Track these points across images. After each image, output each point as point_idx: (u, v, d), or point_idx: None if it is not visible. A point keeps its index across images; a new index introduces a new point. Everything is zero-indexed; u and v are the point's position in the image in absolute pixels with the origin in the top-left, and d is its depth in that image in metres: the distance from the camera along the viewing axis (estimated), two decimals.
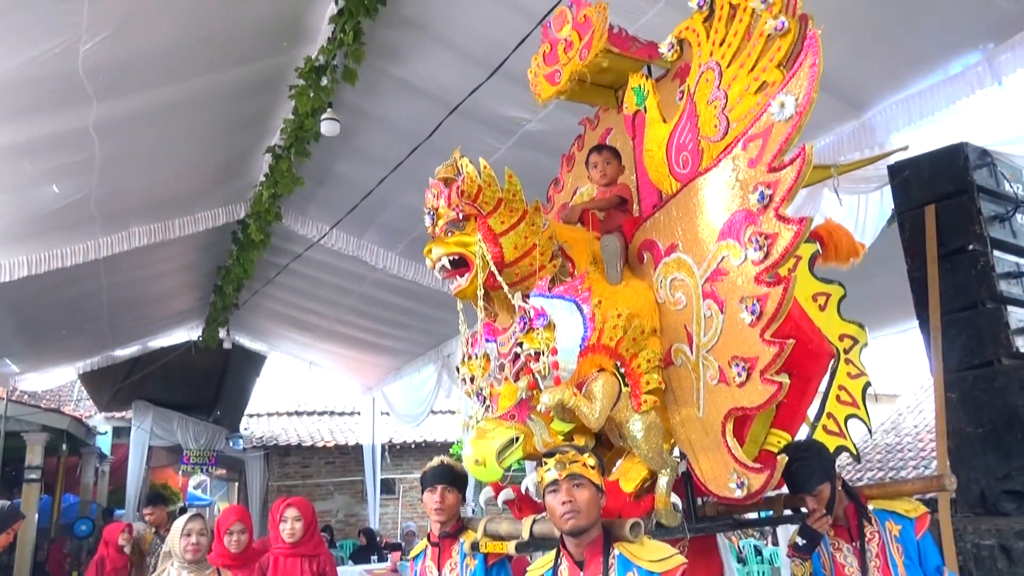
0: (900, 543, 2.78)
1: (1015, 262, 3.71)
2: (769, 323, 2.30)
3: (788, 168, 2.26)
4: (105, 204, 5.88)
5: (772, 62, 2.38)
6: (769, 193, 2.30)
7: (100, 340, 9.81)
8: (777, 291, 2.28)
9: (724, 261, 2.47)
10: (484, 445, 2.52)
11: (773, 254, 2.29)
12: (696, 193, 2.62)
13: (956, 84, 3.84)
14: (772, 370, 2.30)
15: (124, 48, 4.26)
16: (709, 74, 2.60)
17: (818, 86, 2.20)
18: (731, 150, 2.46)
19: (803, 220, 2.25)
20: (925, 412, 12.65)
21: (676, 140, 2.75)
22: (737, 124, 2.47)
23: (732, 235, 2.44)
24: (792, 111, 2.23)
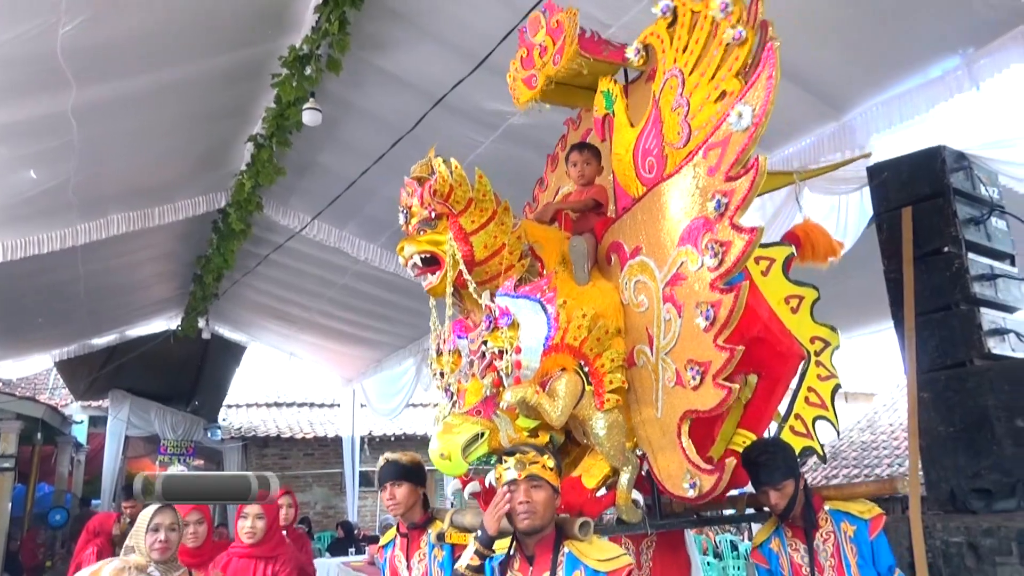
0: (854, 543, 2.83)
1: (989, 264, 3.76)
2: (722, 329, 2.34)
3: (743, 178, 2.30)
4: (83, 190, 5.82)
5: (731, 72, 2.43)
6: (725, 202, 2.35)
7: (77, 328, 9.71)
8: (729, 298, 2.33)
9: (683, 266, 2.52)
10: (450, 440, 2.59)
11: (727, 261, 2.33)
12: (659, 198, 2.67)
13: (935, 88, 3.89)
14: (723, 375, 2.35)
15: (104, 31, 4.21)
16: (673, 81, 2.65)
17: (775, 97, 2.24)
18: (692, 157, 2.51)
19: (754, 229, 2.29)
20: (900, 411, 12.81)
21: (643, 144, 2.80)
22: (699, 132, 2.52)
23: (691, 241, 2.49)
24: (749, 121, 2.28)
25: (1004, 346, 3.66)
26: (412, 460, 3.27)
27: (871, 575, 2.82)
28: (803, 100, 4.24)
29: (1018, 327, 3.75)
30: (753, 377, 3.07)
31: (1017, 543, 3.15)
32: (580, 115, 3.73)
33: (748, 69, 2.41)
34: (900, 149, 4.01)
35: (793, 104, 4.19)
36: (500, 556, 2.38)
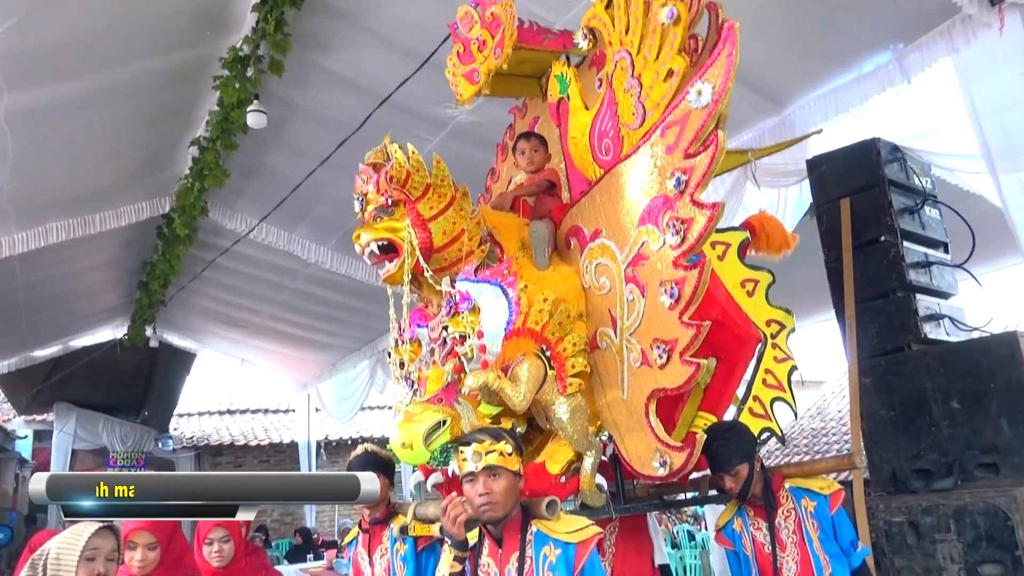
0: (815, 519, 2.89)
1: (923, 252, 3.89)
2: (687, 306, 2.36)
3: (703, 154, 2.32)
4: (19, 198, 5.64)
5: (673, 50, 2.45)
6: (685, 179, 2.35)
7: (17, 340, 9.40)
8: (693, 274, 2.35)
9: (644, 246, 2.53)
10: (411, 428, 2.56)
11: (689, 238, 2.35)
12: (618, 179, 2.67)
13: (869, 82, 4.01)
14: (691, 351, 2.37)
15: (36, 35, 4.09)
16: (623, 62, 2.66)
17: (735, 75, 2.27)
18: (649, 137, 2.52)
19: (715, 205, 2.31)
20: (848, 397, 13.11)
21: (598, 127, 2.81)
22: (653, 111, 2.53)
23: (651, 220, 2.50)
24: (709, 99, 2.30)
25: (939, 331, 3.79)
26: (388, 456, 3.24)
27: (833, 549, 2.89)
28: (743, 95, 4.32)
29: (952, 312, 3.89)
30: (712, 360, 3.12)
31: (955, 520, 3.27)
32: (525, 103, 3.74)
33: (696, 48, 2.45)
34: (838, 142, 4.13)
35: (733, 99, 4.22)
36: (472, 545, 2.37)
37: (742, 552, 3.02)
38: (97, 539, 2.15)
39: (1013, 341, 3.38)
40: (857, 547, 2.94)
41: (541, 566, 2.18)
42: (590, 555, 2.16)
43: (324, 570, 7.59)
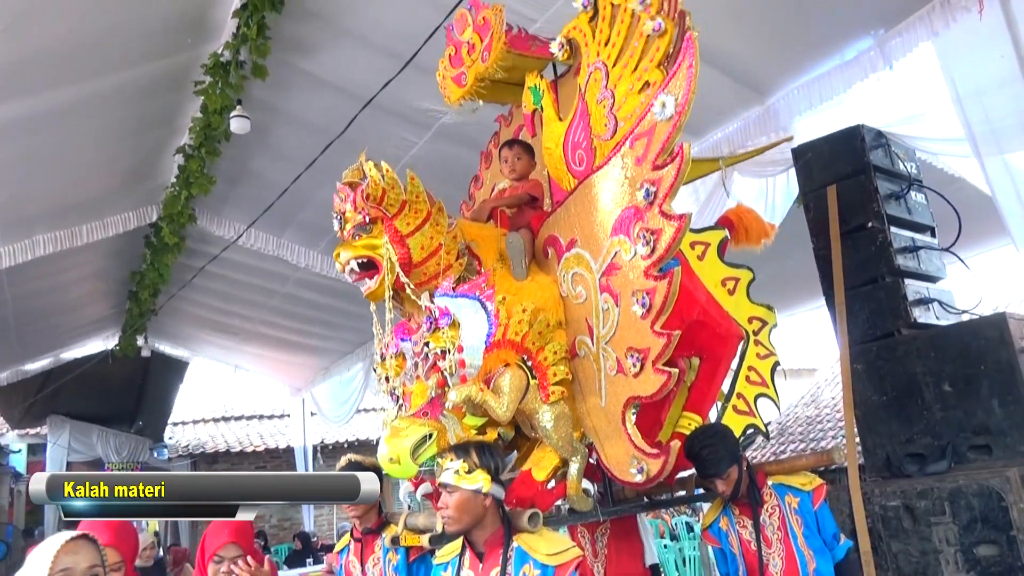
0: (799, 515, 2.93)
1: (910, 237, 3.90)
2: (658, 315, 2.39)
3: (669, 166, 2.35)
4: (5, 211, 5.61)
5: (652, 62, 2.48)
6: (654, 190, 2.39)
7: (8, 354, 9.35)
8: (663, 284, 2.38)
9: (617, 256, 2.56)
10: (398, 443, 2.60)
11: (658, 249, 2.38)
12: (591, 190, 2.71)
13: (851, 69, 4.02)
14: (662, 360, 2.39)
15: (16, 47, 4.06)
16: (597, 74, 2.69)
17: (695, 86, 2.29)
18: (620, 148, 2.55)
19: (683, 216, 2.34)
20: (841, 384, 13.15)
21: (572, 138, 2.83)
22: (624, 123, 2.56)
23: (623, 231, 2.53)
24: (672, 111, 2.33)
25: (929, 315, 3.81)
26: (373, 464, 3.25)
27: (817, 544, 2.92)
28: (727, 86, 4.34)
29: (941, 296, 3.91)
30: (695, 360, 3.14)
31: (949, 503, 3.28)
32: (511, 111, 3.74)
33: (669, 60, 2.46)
34: (822, 130, 4.13)
35: (718, 90, 4.28)
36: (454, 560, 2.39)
37: (729, 550, 3.05)
38: (68, 556, 1.73)
39: (1002, 322, 3.39)
40: (840, 540, 2.97)
41: None
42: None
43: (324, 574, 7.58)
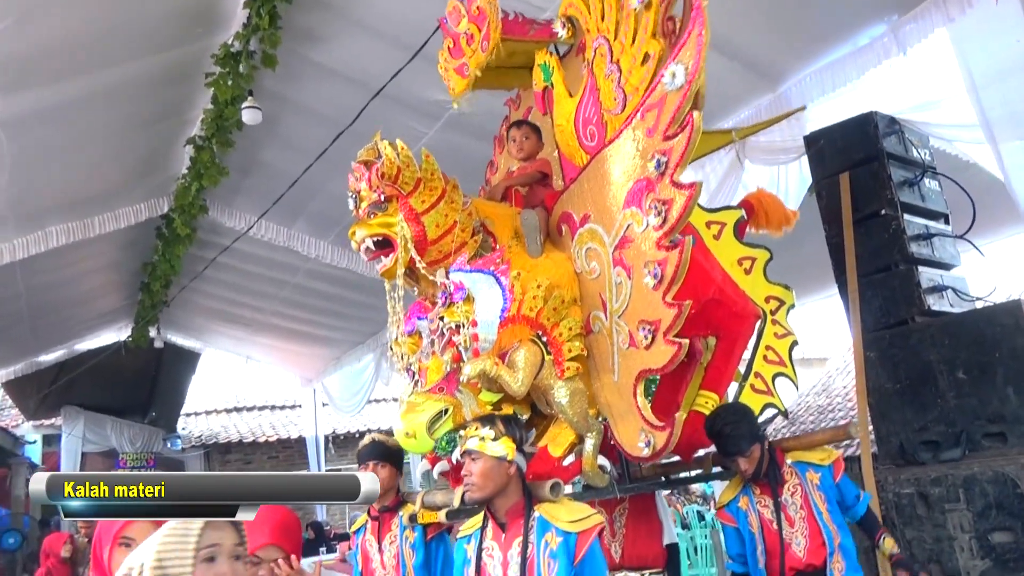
0: (821, 491, 2.92)
1: (924, 224, 3.89)
2: (670, 286, 2.38)
3: (680, 136, 2.34)
4: (18, 204, 5.64)
5: (648, 33, 2.47)
6: (665, 160, 2.38)
7: (22, 346, 9.42)
8: (675, 254, 2.37)
9: (629, 229, 2.56)
10: (414, 418, 2.61)
11: (670, 219, 2.37)
12: (603, 164, 2.70)
13: (864, 55, 3.99)
14: (673, 331, 2.39)
15: (28, 40, 4.08)
16: (601, 49, 2.69)
17: (706, 54, 2.28)
18: (631, 121, 2.55)
19: (693, 185, 2.33)
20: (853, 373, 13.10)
21: (582, 114, 2.83)
22: (633, 96, 2.56)
23: (635, 203, 2.53)
24: (683, 80, 2.32)
25: (943, 302, 3.79)
26: (395, 444, 3.27)
27: (840, 519, 2.92)
28: (738, 73, 4.31)
29: (955, 283, 3.89)
30: (712, 339, 3.13)
31: (964, 489, 3.28)
32: (519, 94, 3.74)
33: (674, 30, 2.46)
34: (835, 117, 4.11)
35: (729, 77, 4.26)
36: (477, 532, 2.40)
37: (747, 530, 3.04)
38: (214, 531, 1.59)
39: (1017, 310, 3.38)
40: (860, 498, 2.97)
41: (542, 552, 2.21)
42: (591, 545, 2.18)
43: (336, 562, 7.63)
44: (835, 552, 2.85)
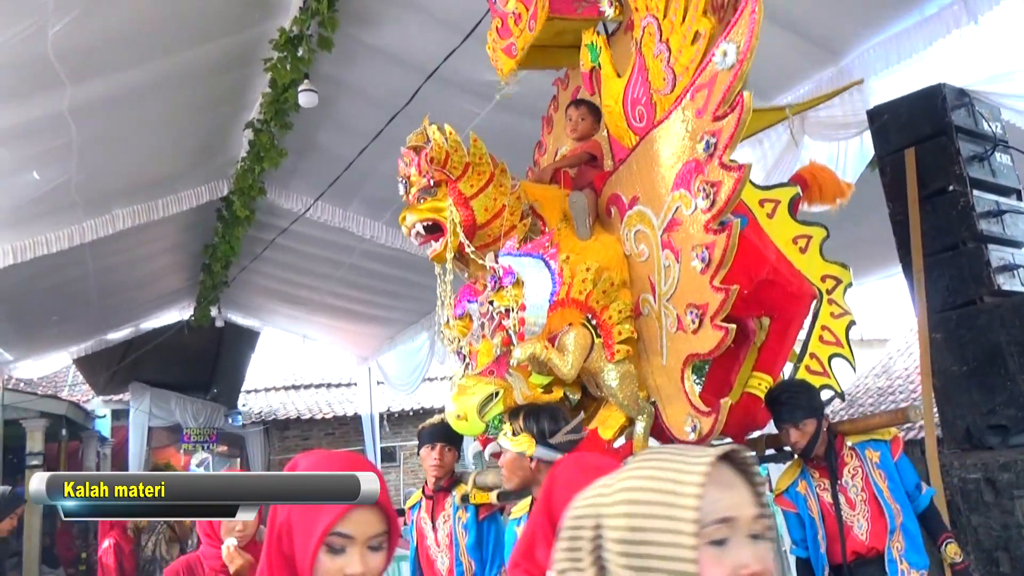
0: (881, 469, 2.86)
1: (994, 201, 3.74)
2: (717, 270, 2.34)
3: (729, 116, 2.28)
4: (86, 188, 5.84)
5: (698, 11, 2.41)
6: (714, 141, 2.33)
7: (92, 324, 9.79)
8: (722, 238, 2.32)
9: (678, 211, 2.52)
10: (465, 401, 2.64)
11: (718, 201, 2.32)
12: (652, 145, 2.66)
13: (932, 25, 3.84)
14: (720, 315, 2.35)
15: (93, 29, 4.20)
16: (650, 27, 2.63)
17: (759, 32, 2.20)
18: (680, 101, 2.49)
19: (742, 167, 2.27)
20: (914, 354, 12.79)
21: (631, 94, 2.79)
22: (683, 76, 2.50)
23: (684, 185, 2.48)
24: (734, 59, 2.25)
25: (1014, 282, 3.65)
26: None
27: (902, 497, 2.85)
28: (798, 47, 4.19)
29: None
30: (766, 320, 3.08)
31: None
32: (567, 74, 3.71)
33: (724, 5, 2.40)
34: (900, 90, 3.97)
35: (788, 51, 4.15)
36: (525, 515, 2.43)
37: (806, 515, 2.99)
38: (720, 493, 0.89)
39: None
40: (922, 489, 2.89)
41: None
42: None
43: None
44: (896, 532, 2.79)
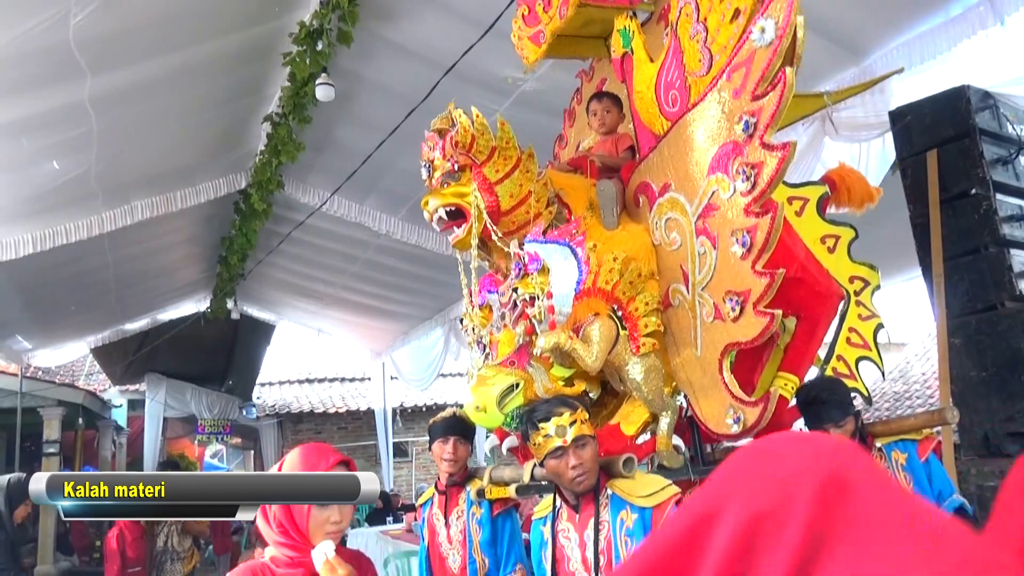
0: (908, 472, 2.78)
1: (1018, 205, 3.68)
2: (760, 254, 2.25)
3: (771, 94, 2.19)
4: (105, 179, 5.87)
5: None
6: (753, 121, 2.24)
7: (109, 314, 9.87)
8: (765, 221, 2.24)
9: (714, 196, 2.44)
10: (484, 392, 2.56)
11: (760, 183, 2.23)
12: (685, 130, 2.58)
13: (957, 25, 3.78)
14: (764, 301, 2.27)
15: (114, 19, 4.21)
16: (687, 8, 2.56)
17: (799, 6, 2.13)
18: (716, 82, 2.41)
19: (787, 145, 2.18)
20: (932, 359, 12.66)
21: (664, 79, 2.72)
22: (720, 56, 2.42)
23: (721, 168, 2.39)
24: (773, 35, 2.17)
25: None
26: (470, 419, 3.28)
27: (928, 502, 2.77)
28: (820, 46, 4.14)
29: None
30: (792, 320, 3.03)
31: None
32: (592, 66, 3.66)
33: None
34: (923, 91, 3.91)
35: (810, 50, 4.04)
36: (550, 514, 2.38)
37: None
38: None
39: None
40: (945, 499, 2.82)
41: (618, 531, 2.16)
42: (667, 517, 2.10)
43: (403, 532, 7.81)
44: None
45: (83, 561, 10.53)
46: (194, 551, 5.61)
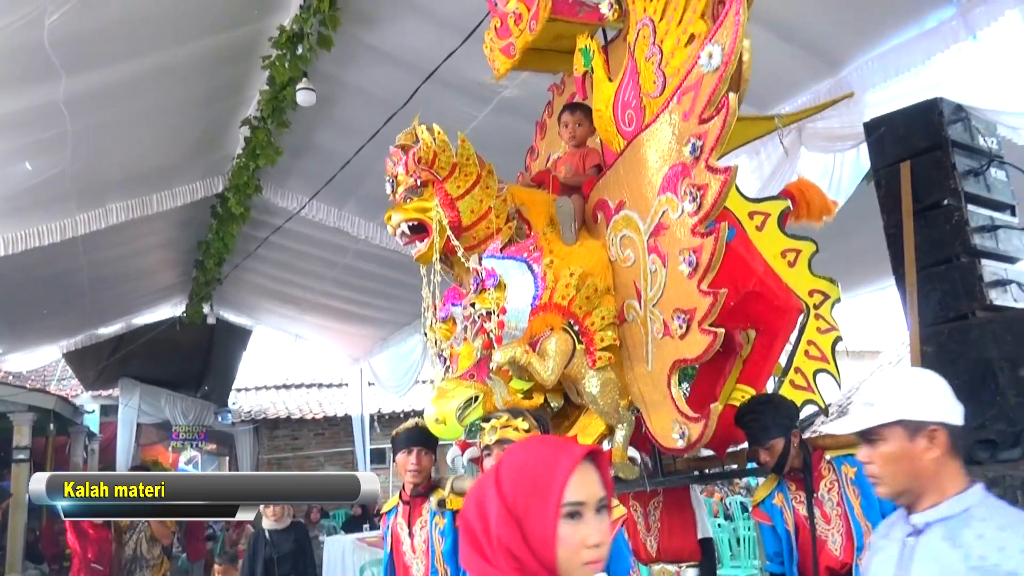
0: (856, 485, 2.82)
1: (989, 216, 3.73)
2: (705, 273, 2.33)
3: (715, 119, 2.27)
4: (80, 180, 5.81)
5: (696, 13, 2.41)
6: (700, 144, 2.32)
7: (82, 318, 9.74)
8: (710, 241, 2.31)
9: (665, 215, 2.51)
10: (444, 404, 2.62)
11: (705, 204, 2.31)
12: (639, 149, 2.65)
13: (931, 39, 3.85)
14: (708, 320, 2.34)
15: (90, 19, 4.17)
16: (645, 30, 2.62)
17: (743, 33, 2.20)
18: (668, 104, 2.48)
19: (728, 169, 2.26)
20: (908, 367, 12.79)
21: (621, 98, 2.78)
22: (672, 78, 2.49)
23: (671, 188, 2.47)
24: (719, 61, 2.25)
25: (1006, 297, 3.65)
26: None
27: (875, 516, 2.80)
28: (797, 57, 4.20)
29: (1019, 277, 3.74)
30: (751, 332, 3.07)
31: (1023, 491, 3.17)
32: (564, 80, 3.71)
33: (716, 8, 2.40)
34: (897, 103, 3.97)
35: (787, 61, 4.15)
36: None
37: (782, 528, 2.97)
38: None
39: None
40: None
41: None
42: (614, 538, 2.13)
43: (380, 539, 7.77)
44: (864, 550, 2.77)
45: (53, 569, 10.34)
46: (164, 559, 5.54)
